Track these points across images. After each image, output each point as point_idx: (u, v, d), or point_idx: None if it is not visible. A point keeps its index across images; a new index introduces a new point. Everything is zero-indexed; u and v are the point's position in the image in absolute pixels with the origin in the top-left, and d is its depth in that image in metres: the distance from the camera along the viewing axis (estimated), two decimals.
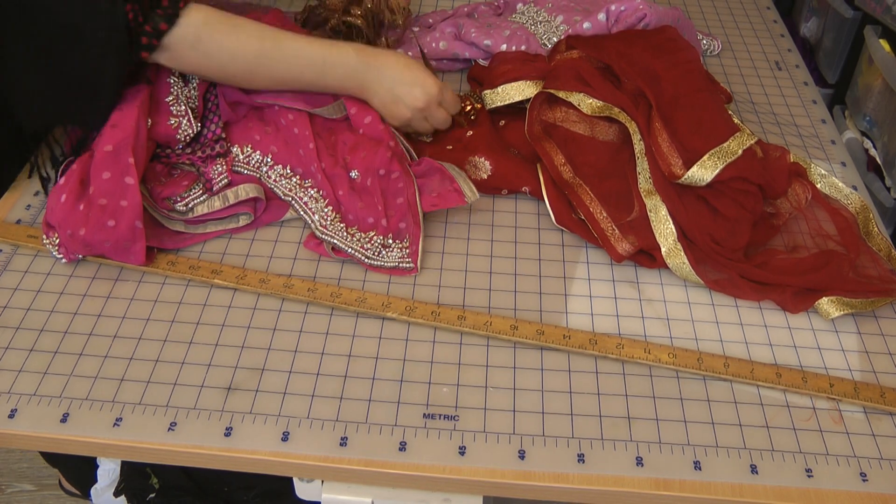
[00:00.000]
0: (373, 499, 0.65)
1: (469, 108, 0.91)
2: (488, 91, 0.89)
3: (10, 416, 0.63)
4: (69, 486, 1.38)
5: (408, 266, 0.76)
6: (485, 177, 0.84)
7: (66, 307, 0.72)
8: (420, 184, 0.79)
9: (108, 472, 1.08)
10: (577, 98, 0.84)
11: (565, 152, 0.83)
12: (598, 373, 0.68)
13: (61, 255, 0.74)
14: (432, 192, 0.78)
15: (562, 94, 0.84)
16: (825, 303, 0.73)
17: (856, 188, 0.87)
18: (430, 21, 1.06)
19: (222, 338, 0.70)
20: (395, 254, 0.76)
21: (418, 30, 1.04)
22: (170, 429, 0.63)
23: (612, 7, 0.93)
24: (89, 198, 0.71)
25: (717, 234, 0.77)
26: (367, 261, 0.76)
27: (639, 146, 0.80)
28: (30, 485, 1.42)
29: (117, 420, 0.63)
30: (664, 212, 0.77)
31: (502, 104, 0.88)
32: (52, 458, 1.26)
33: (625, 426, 0.64)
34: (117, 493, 1.03)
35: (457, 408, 0.65)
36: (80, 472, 1.27)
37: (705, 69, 0.92)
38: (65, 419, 0.63)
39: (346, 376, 0.67)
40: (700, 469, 0.62)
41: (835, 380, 0.68)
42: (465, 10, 1.09)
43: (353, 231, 0.77)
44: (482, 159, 0.85)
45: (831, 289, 0.74)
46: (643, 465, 0.62)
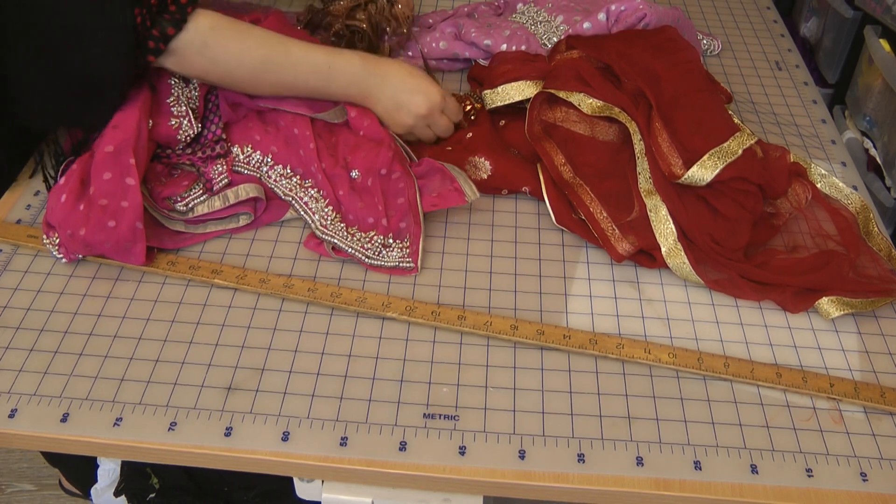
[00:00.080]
0: (373, 499, 0.65)
1: (469, 108, 0.91)
2: (488, 91, 0.89)
3: (11, 416, 0.63)
4: (69, 485, 1.38)
5: (408, 266, 0.76)
6: (485, 177, 0.84)
7: (67, 307, 0.72)
8: (420, 184, 0.79)
9: (108, 471, 1.08)
10: (577, 98, 0.84)
11: (565, 152, 0.83)
12: (598, 373, 0.68)
13: (61, 255, 0.74)
14: (433, 192, 0.78)
15: (562, 94, 0.84)
16: (825, 303, 0.73)
17: (856, 188, 0.87)
18: (430, 21, 1.06)
19: (222, 338, 0.70)
20: (395, 253, 0.76)
21: (418, 30, 1.04)
22: (170, 429, 0.63)
23: (612, 7, 0.93)
24: (90, 198, 0.71)
25: (717, 234, 0.77)
26: (368, 261, 0.76)
27: (639, 146, 0.80)
28: (30, 485, 1.42)
29: (117, 420, 0.63)
30: (664, 212, 0.77)
31: (502, 104, 0.88)
32: (53, 458, 1.26)
33: (625, 426, 0.64)
34: (117, 493, 1.03)
35: (457, 408, 0.65)
36: (81, 471, 1.27)
37: (705, 69, 0.92)
38: (65, 419, 0.63)
39: (346, 376, 0.67)
40: (700, 469, 0.62)
41: (835, 380, 0.68)
42: (465, 10, 1.09)
43: (354, 231, 0.77)
44: (482, 159, 0.85)
45: (831, 289, 0.74)
46: (643, 465, 0.62)
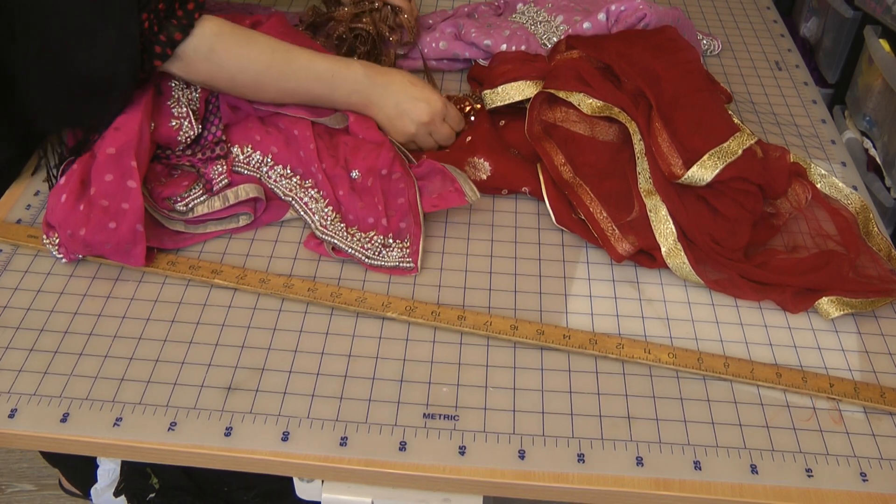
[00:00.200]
0: (373, 499, 0.65)
1: (468, 108, 0.91)
2: (488, 91, 0.89)
3: (11, 416, 0.63)
4: (69, 485, 1.38)
5: (408, 266, 0.76)
6: (484, 177, 0.84)
7: (67, 307, 0.72)
8: (421, 185, 0.79)
9: (108, 471, 1.08)
10: (577, 98, 0.84)
11: (565, 152, 0.83)
12: (598, 373, 0.68)
13: (61, 255, 0.74)
14: (433, 192, 0.78)
15: (562, 94, 0.84)
16: (825, 303, 0.73)
17: (856, 188, 0.87)
18: (430, 21, 1.06)
19: (222, 338, 0.70)
20: (395, 253, 0.76)
21: (418, 30, 1.04)
22: (170, 429, 0.63)
23: (612, 7, 0.93)
24: (90, 198, 0.71)
25: (717, 234, 0.77)
26: (368, 261, 0.76)
27: (639, 146, 0.80)
28: (30, 485, 1.42)
29: (117, 420, 0.63)
30: (664, 212, 0.77)
31: (502, 104, 0.88)
32: (53, 458, 1.27)
33: (625, 426, 0.64)
34: (117, 493, 1.03)
35: (457, 408, 0.65)
36: (81, 471, 1.27)
37: (705, 69, 0.92)
38: (65, 419, 0.63)
39: (346, 376, 0.67)
40: (700, 469, 0.62)
41: (835, 380, 0.68)
42: (465, 10, 1.09)
43: (354, 231, 0.77)
44: (481, 160, 0.85)
45: (831, 289, 0.74)
46: (643, 465, 0.62)
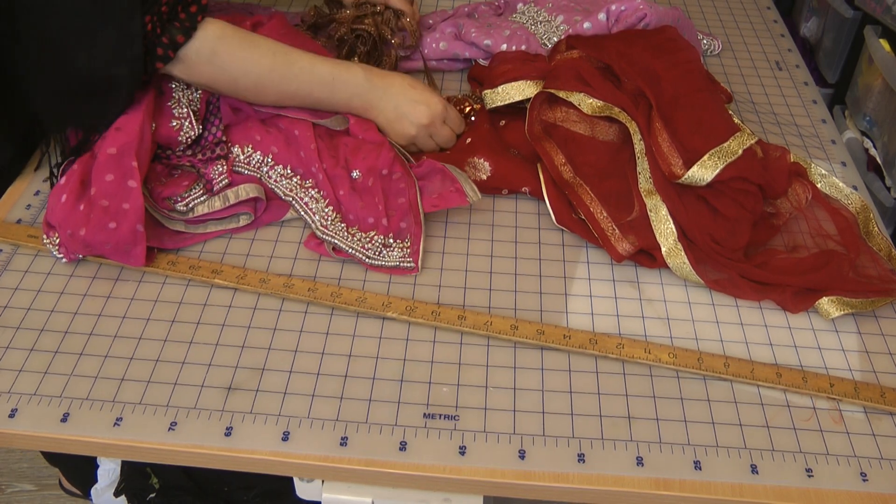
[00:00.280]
0: (373, 499, 0.65)
1: (468, 109, 0.91)
2: (488, 91, 0.89)
3: (11, 416, 0.63)
4: (69, 485, 1.38)
5: (408, 266, 0.76)
6: (484, 178, 0.84)
7: (67, 307, 0.72)
8: (421, 185, 0.79)
9: (108, 471, 1.08)
10: (577, 98, 0.84)
11: (565, 152, 0.83)
12: (598, 373, 0.68)
13: (61, 255, 0.74)
14: (433, 192, 0.78)
15: (562, 94, 0.84)
16: (825, 303, 0.73)
17: (856, 188, 0.87)
18: (430, 21, 1.06)
19: (222, 337, 0.70)
20: (395, 253, 0.76)
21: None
22: (170, 429, 0.63)
23: (613, 7, 0.93)
24: (90, 198, 0.71)
25: (717, 233, 0.77)
26: (368, 260, 0.76)
27: (639, 146, 0.80)
28: (30, 485, 1.42)
29: (117, 420, 0.63)
30: (664, 211, 0.77)
31: (502, 104, 0.88)
32: (53, 458, 1.27)
33: (625, 426, 0.64)
34: (117, 493, 1.03)
35: (457, 408, 0.65)
36: (81, 471, 1.27)
37: (705, 69, 0.92)
38: (65, 419, 0.63)
39: (346, 376, 0.67)
40: (700, 469, 0.62)
41: (835, 380, 0.68)
42: (465, 10, 1.09)
43: (354, 231, 0.77)
44: (481, 160, 0.85)
45: (831, 289, 0.74)
46: (643, 465, 0.62)
